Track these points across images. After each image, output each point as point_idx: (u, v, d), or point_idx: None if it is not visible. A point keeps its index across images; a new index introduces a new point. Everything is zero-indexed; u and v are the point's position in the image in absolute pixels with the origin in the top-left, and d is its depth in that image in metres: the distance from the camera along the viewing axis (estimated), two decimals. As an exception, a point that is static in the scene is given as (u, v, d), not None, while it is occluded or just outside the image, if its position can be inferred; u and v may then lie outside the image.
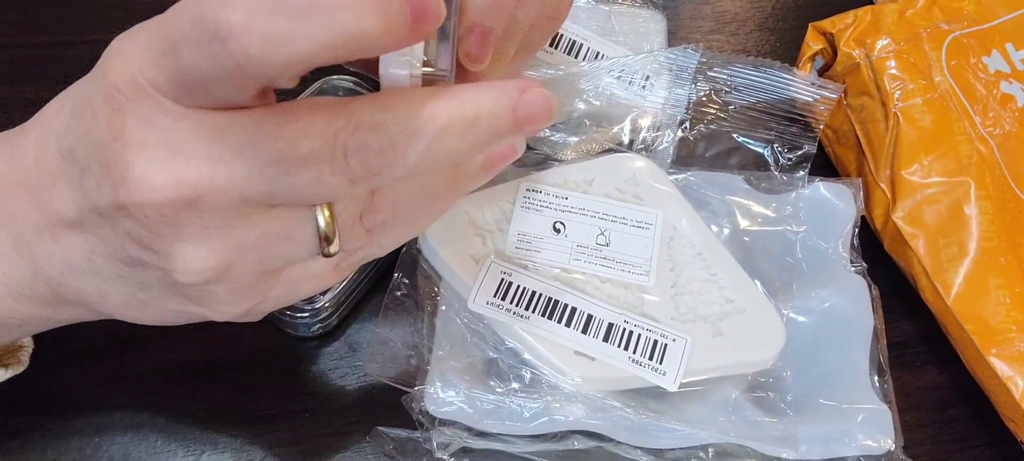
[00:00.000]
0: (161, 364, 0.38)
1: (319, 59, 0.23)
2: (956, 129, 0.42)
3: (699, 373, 0.35)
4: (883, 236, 0.43)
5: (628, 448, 0.34)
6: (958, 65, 0.44)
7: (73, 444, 0.36)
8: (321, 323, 0.38)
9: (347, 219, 0.27)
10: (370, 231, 0.28)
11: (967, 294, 0.39)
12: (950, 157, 0.42)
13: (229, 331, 0.39)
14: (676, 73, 0.44)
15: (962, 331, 0.39)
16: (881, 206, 0.43)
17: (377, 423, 0.37)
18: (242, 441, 0.36)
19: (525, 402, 0.34)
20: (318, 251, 0.27)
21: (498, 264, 0.37)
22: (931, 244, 0.41)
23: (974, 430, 0.40)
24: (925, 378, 0.41)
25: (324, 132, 0.24)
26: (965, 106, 0.43)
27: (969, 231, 0.40)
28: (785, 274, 0.40)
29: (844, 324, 0.38)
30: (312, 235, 0.27)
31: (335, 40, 0.22)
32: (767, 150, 0.44)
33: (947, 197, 0.41)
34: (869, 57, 0.44)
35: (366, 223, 0.28)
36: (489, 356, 0.36)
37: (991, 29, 0.46)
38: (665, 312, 0.37)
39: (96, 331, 0.38)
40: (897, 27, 0.44)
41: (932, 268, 0.40)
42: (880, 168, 0.43)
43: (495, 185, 0.40)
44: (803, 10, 0.55)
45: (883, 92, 0.43)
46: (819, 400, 0.36)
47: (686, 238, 0.39)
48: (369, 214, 0.28)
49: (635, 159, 0.41)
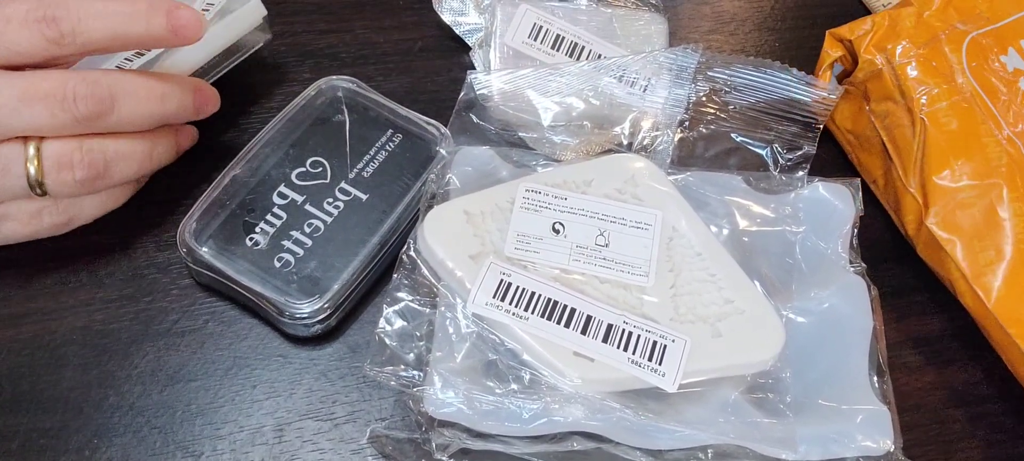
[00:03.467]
0: (160, 365, 0.38)
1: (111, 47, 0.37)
2: (982, 131, 0.42)
3: (698, 374, 0.35)
4: (916, 242, 0.43)
5: (627, 449, 0.34)
6: (978, 66, 0.44)
7: (72, 445, 0.36)
8: (321, 323, 0.38)
9: (55, 163, 0.35)
10: (80, 182, 0.36)
11: (1008, 297, 0.39)
12: (979, 159, 0.41)
13: (229, 332, 0.39)
14: (676, 73, 0.44)
15: (1005, 334, 0.39)
16: (912, 212, 0.43)
17: (376, 424, 0.37)
18: (242, 442, 0.36)
19: (524, 403, 0.34)
20: (28, 186, 0.35)
21: (497, 265, 0.37)
22: (968, 248, 0.40)
23: (974, 430, 0.40)
24: (925, 379, 0.41)
25: (59, 76, 0.35)
26: (989, 107, 0.42)
27: (1004, 234, 0.40)
28: (784, 275, 0.40)
29: (843, 325, 0.38)
30: (22, 171, 0.35)
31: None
32: (766, 150, 0.44)
33: (980, 201, 0.41)
34: (891, 62, 0.43)
35: (77, 173, 0.36)
36: (488, 357, 0.36)
37: (1006, 27, 0.45)
38: (664, 313, 0.37)
39: (96, 331, 0.38)
40: (916, 31, 0.44)
41: (972, 273, 0.40)
42: (909, 174, 0.43)
43: (495, 185, 0.40)
44: (802, 10, 0.55)
45: (908, 97, 0.43)
46: (818, 401, 0.36)
47: (685, 239, 0.39)
48: (80, 166, 0.36)
49: (634, 159, 0.41)
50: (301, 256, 0.39)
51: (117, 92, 0.36)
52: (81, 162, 0.36)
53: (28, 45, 0.35)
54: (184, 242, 0.39)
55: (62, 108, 0.34)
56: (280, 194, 0.41)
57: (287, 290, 0.38)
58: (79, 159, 0.36)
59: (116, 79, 0.36)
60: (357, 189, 0.41)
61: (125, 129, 0.37)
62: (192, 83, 0.40)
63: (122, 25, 0.36)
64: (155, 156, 0.39)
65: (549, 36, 0.47)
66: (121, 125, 0.37)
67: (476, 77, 0.44)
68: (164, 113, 0.38)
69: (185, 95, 0.39)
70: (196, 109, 0.40)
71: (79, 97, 0.35)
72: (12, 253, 0.39)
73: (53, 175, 0.36)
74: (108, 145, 0.37)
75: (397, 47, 0.50)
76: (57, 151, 0.35)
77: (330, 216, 0.40)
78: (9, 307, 0.39)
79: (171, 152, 0.41)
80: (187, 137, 0.42)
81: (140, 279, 0.40)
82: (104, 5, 0.35)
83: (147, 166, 0.39)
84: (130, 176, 0.38)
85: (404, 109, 0.44)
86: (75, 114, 0.35)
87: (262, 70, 0.48)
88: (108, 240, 0.41)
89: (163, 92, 0.38)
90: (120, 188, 0.40)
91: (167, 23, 0.36)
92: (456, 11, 0.49)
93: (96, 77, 0.36)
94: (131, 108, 0.36)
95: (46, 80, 0.35)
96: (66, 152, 0.36)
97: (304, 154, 0.42)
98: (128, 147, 0.37)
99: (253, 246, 0.39)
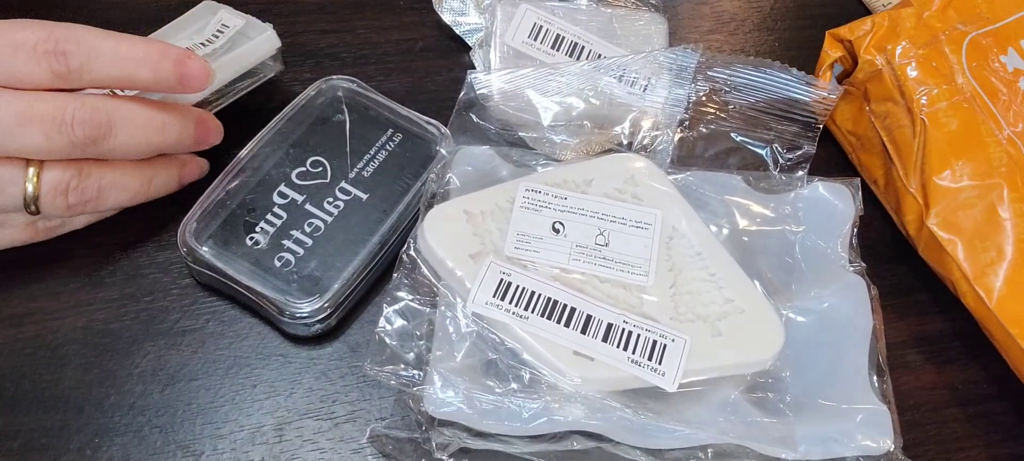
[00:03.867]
0: (161, 365, 0.38)
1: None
2: (983, 131, 0.42)
3: (698, 373, 0.35)
4: (917, 242, 0.43)
5: (627, 448, 0.34)
6: (978, 66, 0.44)
7: (73, 444, 0.36)
8: (321, 323, 0.38)
9: (51, 189, 0.36)
10: (72, 207, 0.36)
11: (1009, 297, 0.39)
12: (980, 160, 0.41)
13: (230, 331, 0.39)
14: (676, 73, 0.44)
15: (1007, 334, 0.39)
16: (913, 212, 0.43)
17: (376, 423, 0.37)
18: (242, 441, 0.37)
19: (524, 402, 0.34)
20: (23, 205, 0.36)
21: (497, 264, 0.37)
22: (969, 249, 0.40)
23: (974, 431, 0.40)
24: (925, 378, 0.41)
25: (57, 100, 0.35)
26: (989, 107, 0.42)
27: (1005, 234, 0.40)
28: (784, 274, 0.40)
29: (843, 324, 0.38)
30: (20, 191, 0.35)
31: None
32: (766, 150, 0.44)
33: (981, 201, 0.41)
34: (891, 63, 0.43)
35: (70, 199, 0.36)
36: (488, 356, 0.36)
37: (1006, 27, 0.45)
38: (664, 312, 0.37)
39: (97, 331, 0.38)
40: (916, 31, 0.44)
41: (973, 273, 0.40)
42: (910, 174, 0.43)
43: (495, 185, 0.40)
44: (802, 11, 0.55)
45: (908, 97, 0.43)
46: (818, 400, 0.36)
47: (685, 238, 0.39)
48: (74, 191, 0.36)
49: (634, 159, 0.41)
50: (301, 256, 0.39)
51: (115, 119, 0.36)
52: (76, 189, 0.36)
53: (34, 76, 0.35)
54: (185, 242, 0.39)
55: (59, 132, 0.34)
56: (280, 194, 0.41)
57: (287, 289, 0.38)
58: (75, 186, 0.36)
59: (116, 106, 0.36)
60: (357, 189, 0.41)
61: (121, 156, 0.37)
62: (194, 114, 0.40)
63: (131, 69, 0.36)
64: (153, 187, 0.39)
65: (549, 36, 0.47)
66: (117, 152, 0.37)
67: (476, 77, 0.44)
68: (163, 142, 0.38)
69: (186, 126, 0.39)
70: (197, 140, 0.40)
71: (77, 122, 0.35)
72: (13, 253, 0.39)
73: (48, 199, 0.36)
74: (106, 174, 0.37)
75: (397, 47, 0.50)
76: (56, 177, 0.36)
77: (330, 216, 0.40)
78: (10, 307, 0.39)
79: (172, 184, 0.41)
80: (193, 170, 0.42)
81: (141, 279, 0.40)
82: (116, 46, 0.35)
83: (141, 196, 0.39)
84: (122, 204, 0.39)
85: (404, 109, 0.44)
86: (72, 138, 0.35)
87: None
88: (109, 240, 0.41)
89: (163, 122, 0.38)
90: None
91: (175, 72, 0.37)
92: (456, 11, 0.49)
93: (95, 103, 0.36)
94: (128, 135, 0.36)
95: (44, 102, 0.35)
96: (64, 180, 0.36)
97: (304, 154, 0.42)
98: (124, 178, 0.38)
99: (253, 246, 0.39)
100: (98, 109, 0.35)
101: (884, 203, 0.46)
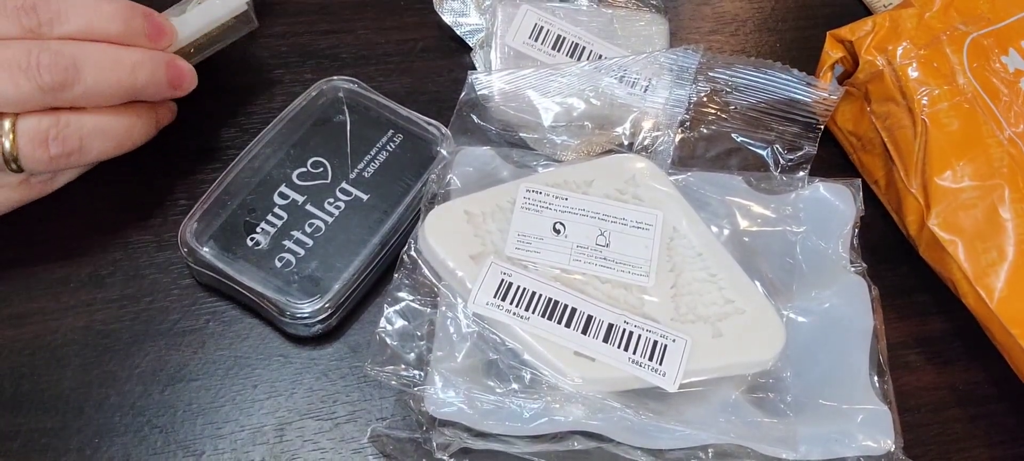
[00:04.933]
0: (161, 365, 0.38)
1: None
2: (984, 132, 0.42)
3: (699, 374, 0.35)
4: (918, 243, 0.43)
5: (628, 449, 0.34)
6: (979, 67, 0.43)
7: (73, 444, 0.36)
8: (322, 323, 0.38)
9: (29, 141, 0.35)
10: (54, 158, 0.36)
11: (1010, 297, 0.39)
12: (981, 160, 0.41)
13: (230, 332, 0.39)
14: (676, 74, 0.44)
15: (1008, 335, 0.39)
16: (914, 213, 0.43)
17: (377, 423, 0.37)
18: (243, 441, 0.36)
19: (525, 403, 0.34)
20: (3, 163, 0.35)
21: (498, 265, 0.37)
22: (970, 249, 0.40)
23: (974, 431, 0.40)
24: (925, 379, 0.41)
25: (22, 45, 0.35)
26: (990, 108, 0.42)
27: (1006, 234, 0.40)
28: (785, 275, 0.40)
29: (844, 325, 0.38)
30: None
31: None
32: (767, 151, 0.44)
33: (982, 202, 0.41)
34: (891, 63, 0.43)
35: (51, 150, 0.36)
36: (489, 357, 0.36)
37: (1007, 27, 0.45)
38: (665, 313, 0.37)
39: (97, 331, 0.38)
40: (917, 32, 0.44)
41: (974, 274, 0.40)
42: (911, 175, 0.43)
43: (496, 186, 0.40)
44: (803, 11, 0.55)
45: (908, 98, 0.43)
46: (819, 401, 0.36)
47: (686, 239, 0.39)
48: (54, 142, 0.36)
49: (635, 160, 0.41)
50: (302, 256, 0.39)
51: (81, 60, 0.35)
52: (55, 138, 0.36)
53: (3, 31, 0.35)
54: (185, 242, 0.39)
55: (26, 76, 0.34)
56: (281, 194, 0.41)
57: (288, 290, 0.38)
58: (54, 135, 0.36)
59: (80, 47, 0.36)
60: (358, 189, 0.41)
61: (95, 102, 0.37)
62: (163, 56, 0.39)
63: (102, 24, 0.37)
64: (136, 133, 0.39)
65: (550, 37, 0.47)
66: (90, 96, 0.36)
67: (477, 77, 0.44)
68: (133, 84, 0.37)
69: (156, 67, 0.38)
70: (169, 83, 0.39)
71: (43, 66, 0.34)
72: (13, 253, 0.40)
73: (27, 151, 0.35)
74: (86, 121, 0.36)
75: (398, 48, 0.50)
76: (32, 127, 0.35)
77: (331, 216, 0.40)
78: (10, 307, 0.39)
79: (151, 128, 0.40)
80: (167, 113, 0.41)
81: (141, 279, 0.40)
82: (87, 1, 0.36)
83: (126, 144, 0.39)
84: (107, 154, 0.38)
85: (405, 109, 0.44)
86: (40, 82, 0.34)
87: (263, 70, 0.48)
88: (109, 240, 0.41)
89: (132, 62, 0.37)
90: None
91: (145, 24, 0.38)
92: (457, 12, 0.50)
93: (59, 47, 0.35)
94: (97, 77, 0.36)
95: (9, 49, 0.34)
96: (41, 128, 0.35)
97: (305, 154, 0.42)
98: (104, 123, 0.37)
99: (254, 246, 0.39)
100: (62, 53, 0.35)
101: (885, 204, 0.46)
